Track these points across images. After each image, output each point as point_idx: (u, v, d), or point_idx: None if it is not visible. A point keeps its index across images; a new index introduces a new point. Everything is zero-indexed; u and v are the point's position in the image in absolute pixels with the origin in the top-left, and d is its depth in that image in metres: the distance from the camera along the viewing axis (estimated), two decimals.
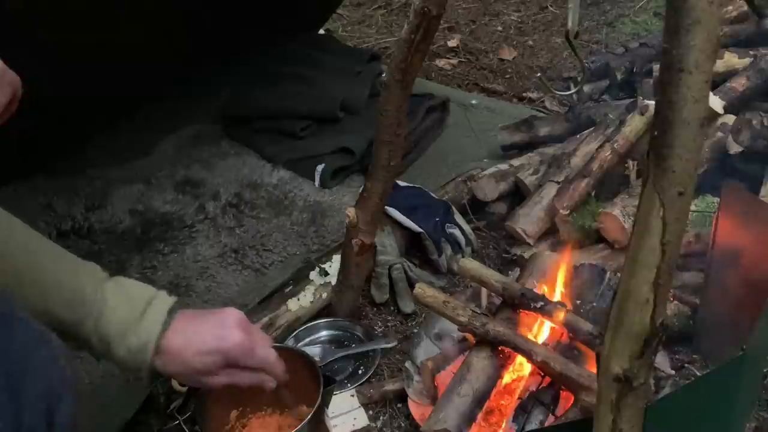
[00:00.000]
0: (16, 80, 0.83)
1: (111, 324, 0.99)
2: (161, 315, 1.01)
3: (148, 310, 1.01)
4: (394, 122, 1.39)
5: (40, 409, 0.82)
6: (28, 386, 0.82)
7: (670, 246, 0.74)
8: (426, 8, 1.23)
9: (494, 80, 2.87)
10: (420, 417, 1.38)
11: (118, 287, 1.02)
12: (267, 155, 2.25)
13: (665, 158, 0.71)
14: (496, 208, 1.94)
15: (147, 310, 1.01)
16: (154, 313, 1.01)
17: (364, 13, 3.61)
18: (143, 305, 1.01)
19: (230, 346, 1.04)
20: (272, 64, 2.49)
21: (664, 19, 0.68)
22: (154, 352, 1.00)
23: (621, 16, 3.17)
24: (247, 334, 1.06)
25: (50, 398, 0.83)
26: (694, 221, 1.67)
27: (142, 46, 2.14)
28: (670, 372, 1.38)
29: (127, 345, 0.99)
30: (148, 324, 1.00)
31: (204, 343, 1.02)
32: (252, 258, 1.87)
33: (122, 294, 1.02)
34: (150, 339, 0.99)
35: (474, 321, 1.35)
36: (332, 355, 1.58)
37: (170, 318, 1.02)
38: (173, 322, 1.02)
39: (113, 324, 0.99)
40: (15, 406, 0.79)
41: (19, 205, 2.02)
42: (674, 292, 1.48)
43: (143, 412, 1.47)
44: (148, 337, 0.99)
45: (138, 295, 1.03)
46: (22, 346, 0.83)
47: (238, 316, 1.08)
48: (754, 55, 2.04)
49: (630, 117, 1.83)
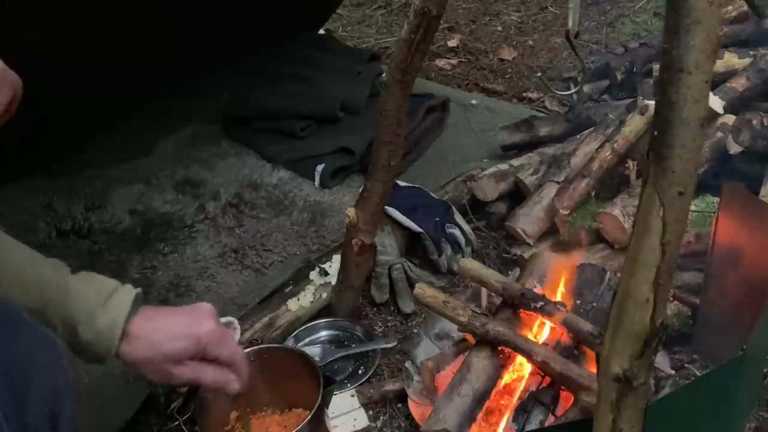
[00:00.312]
0: (16, 81, 0.83)
1: (76, 306, 0.95)
2: (129, 299, 0.98)
3: (114, 295, 0.98)
4: (394, 122, 1.39)
5: (44, 412, 0.82)
6: (32, 389, 0.82)
7: (670, 246, 0.74)
8: (426, 8, 1.23)
9: (494, 80, 2.87)
10: (420, 417, 1.38)
11: (81, 276, 1.00)
12: (267, 155, 2.25)
13: (665, 158, 0.71)
14: (496, 208, 1.94)
15: (113, 295, 0.98)
16: (121, 297, 0.98)
17: (364, 13, 3.61)
18: (109, 290, 0.98)
19: (202, 332, 1.01)
20: (272, 64, 2.49)
21: (664, 19, 0.68)
22: (121, 335, 0.96)
23: (621, 16, 3.17)
24: (218, 325, 1.04)
25: (54, 401, 0.84)
26: (694, 221, 1.67)
27: (142, 46, 2.14)
28: (670, 372, 1.38)
29: (95, 328, 0.95)
30: (115, 306, 0.97)
31: (176, 327, 1.00)
32: (252, 258, 1.87)
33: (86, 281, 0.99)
34: (118, 321, 0.96)
35: (474, 321, 1.35)
36: (332, 355, 1.58)
37: (137, 304, 0.99)
38: (142, 310, 0.99)
39: (79, 305, 0.96)
40: (20, 409, 0.80)
41: (19, 205, 2.03)
42: (674, 292, 1.48)
43: (143, 412, 1.47)
44: (117, 319, 0.96)
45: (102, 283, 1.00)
46: (26, 350, 0.83)
47: (209, 308, 1.06)
48: (754, 55, 2.03)
49: (630, 117, 1.83)
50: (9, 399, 0.79)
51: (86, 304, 0.96)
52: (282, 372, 1.28)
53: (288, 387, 1.29)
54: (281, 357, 1.31)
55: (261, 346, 1.38)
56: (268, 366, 1.26)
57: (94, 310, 0.96)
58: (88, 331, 0.96)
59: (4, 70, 0.81)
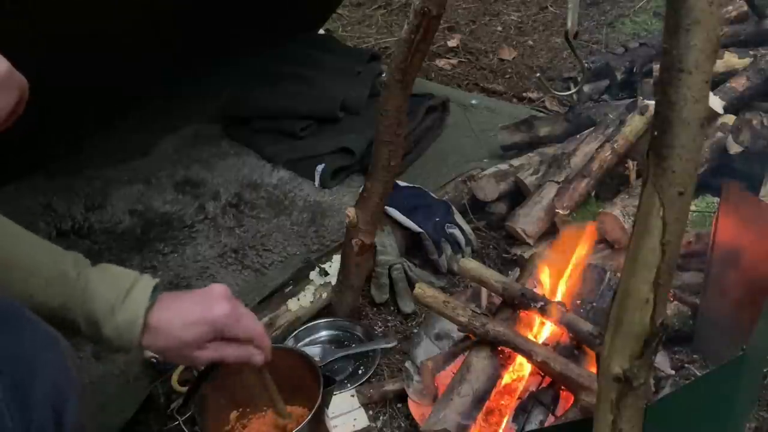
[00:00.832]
0: (23, 82, 0.83)
1: (97, 304, 0.99)
2: (147, 292, 1.02)
3: (133, 289, 1.01)
4: (394, 122, 1.39)
5: (48, 409, 0.83)
6: (36, 386, 0.83)
7: (670, 246, 0.74)
8: (426, 8, 1.23)
9: (494, 80, 2.87)
10: (420, 417, 1.38)
11: (100, 270, 1.03)
12: (267, 155, 2.25)
13: (665, 158, 0.71)
14: (496, 208, 1.94)
15: (132, 289, 1.01)
16: (140, 291, 1.01)
17: (364, 13, 3.61)
18: (128, 284, 1.01)
19: (216, 315, 1.04)
20: (272, 64, 2.49)
21: (664, 19, 0.68)
22: (143, 328, 1.00)
23: (621, 16, 3.17)
24: (232, 305, 1.07)
25: (58, 398, 0.85)
26: (694, 221, 1.67)
27: (141, 38, 2.14)
28: (670, 372, 1.38)
29: (115, 323, 0.99)
30: (134, 301, 1.00)
31: (191, 314, 1.03)
32: (252, 258, 1.87)
33: (105, 275, 1.02)
34: (138, 315, 0.99)
35: (474, 321, 1.35)
36: (332, 355, 1.58)
37: (155, 295, 1.02)
38: (159, 300, 1.02)
39: (99, 303, 0.99)
40: (24, 406, 0.81)
41: (19, 205, 2.03)
42: (674, 292, 1.49)
43: (143, 412, 1.47)
44: (137, 313, 0.99)
45: (121, 276, 1.03)
46: (31, 348, 0.84)
47: (222, 289, 1.08)
48: (754, 55, 2.04)
49: (630, 117, 1.83)
50: (13, 396, 0.80)
51: (106, 302, 0.99)
52: (282, 372, 1.28)
53: (288, 387, 1.29)
54: (281, 357, 1.30)
55: None
56: (268, 366, 1.26)
57: (113, 308, 0.99)
58: (109, 327, 0.99)
59: (10, 71, 0.81)
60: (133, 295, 1.00)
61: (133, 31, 2.13)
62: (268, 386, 1.20)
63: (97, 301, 0.99)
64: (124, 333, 0.99)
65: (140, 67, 2.21)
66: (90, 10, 1.88)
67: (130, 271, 1.05)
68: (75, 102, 2.07)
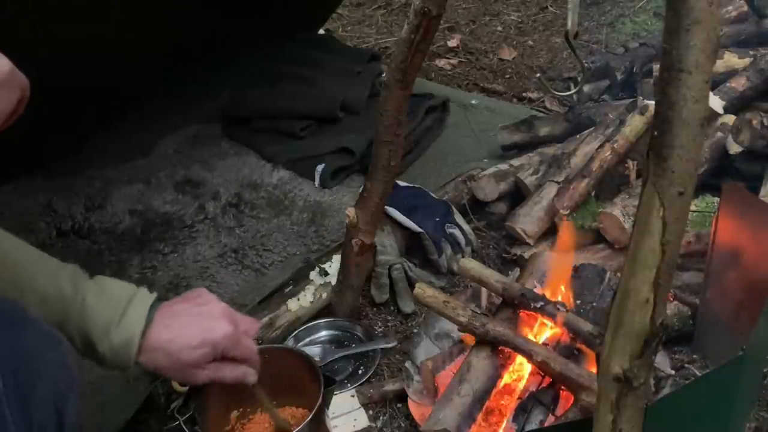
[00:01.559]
0: (24, 82, 0.84)
1: (92, 323, 0.98)
2: (143, 311, 1.01)
3: (130, 307, 1.00)
4: (394, 122, 1.39)
5: (50, 408, 0.83)
6: (38, 386, 0.83)
7: (670, 246, 0.74)
8: (426, 8, 1.23)
9: (494, 80, 2.87)
10: (420, 417, 1.38)
11: (97, 286, 1.02)
12: (267, 155, 2.25)
13: (665, 158, 0.71)
14: (496, 208, 1.94)
15: (128, 307, 1.00)
16: (136, 310, 1.00)
17: (364, 13, 3.61)
18: (124, 303, 1.00)
19: (218, 338, 1.04)
20: (272, 64, 2.49)
21: (664, 19, 0.68)
22: (138, 349, 0.99)
23: (621, 16, 3.17)
24: (233, 325, 1.07)
25: (59, 397, 0.85)
26: (694, 221, 1.67)
27: (140, 38, 2.14)
28: (670, 372, 1.38)
29: (110, 344, 0.98)
30: (130, 321, 0.99)
31: (193, 337, 1.02)
32: (252, 258, 1.87)
33: (102, 293, 1.01)
34: (134, 336, 0.99)
35: (474, 321, 1.35)
36: (332, 355, 1.58)
37: (152, 313, 1.01)
38: (156, 317, 1.01)
39: (95, 323, 0.98)
40: (25, 405, 0.81)
41: (19, 205, 2.03)
42: (674, 292, 1.49)
43: (143, 412, 1.47)
44: (132, 334, 0.99)
45: (118, 293, 1.02)
46: (32, 347, 0.84)
47: (222, 307, 1.08)
48: (754, 55, 2.04)
49: (630, 117, 1.83)
50: (14, 395, 0.80)
51: (102, 321, 0.99)
52: (282, 372, 1.28)
53: (288, 387, 1.29)
54: (281, 357, 1.30)
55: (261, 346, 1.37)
56: (268, 366, 1.26)
57: (109, 328, 0.98)
58: (104, 347, 0.99)
59: (12, 71, 0.81)
60: (129, 313, 1.00)
61: (133, 31, 2.13)
62: (262, 400, 1.20)
63: (93, 320, 0.98)
64: (120, 353, 0.99)
65: (140, 67, 2.21)
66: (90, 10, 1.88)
67: (127, 286, 1.04)
68: (75, 102, 2.07)
